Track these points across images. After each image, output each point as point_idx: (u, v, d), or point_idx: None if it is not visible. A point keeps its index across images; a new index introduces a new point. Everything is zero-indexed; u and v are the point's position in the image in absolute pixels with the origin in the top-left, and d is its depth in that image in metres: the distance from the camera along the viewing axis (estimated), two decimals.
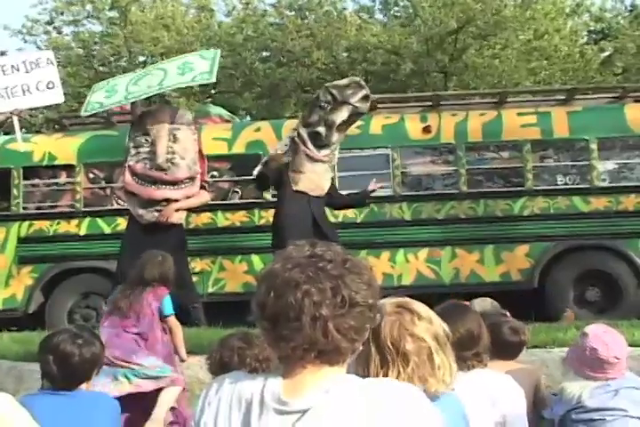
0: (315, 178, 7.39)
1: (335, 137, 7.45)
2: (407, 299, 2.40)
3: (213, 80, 7.72)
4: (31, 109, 13.80)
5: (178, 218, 7.66)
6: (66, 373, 3.38)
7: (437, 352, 2.29)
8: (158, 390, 5.31)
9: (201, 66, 7.68)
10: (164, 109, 8.09)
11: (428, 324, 2.32)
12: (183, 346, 5.72)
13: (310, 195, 7.34)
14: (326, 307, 1.64)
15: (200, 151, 7.89)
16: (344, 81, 7.58)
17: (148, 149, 7.54)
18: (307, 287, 1.64)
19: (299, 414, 1.62)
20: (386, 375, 2.20)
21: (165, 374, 5.37)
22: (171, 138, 7.59)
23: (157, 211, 7.54)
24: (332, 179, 7.81)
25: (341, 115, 7.36)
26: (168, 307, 5.68)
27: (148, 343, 5.55)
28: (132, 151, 7.66)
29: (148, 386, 5.32)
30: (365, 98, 7.44)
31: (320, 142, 7.40)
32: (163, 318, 5.64)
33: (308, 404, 1.62)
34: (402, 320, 2.30)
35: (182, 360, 5.74)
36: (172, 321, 5.70)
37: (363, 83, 7.52)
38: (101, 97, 7.84)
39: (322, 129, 7.36)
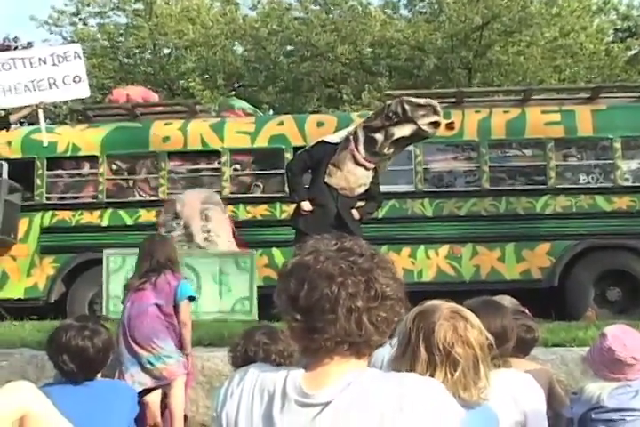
0: (350, 179, 7.32)
1: (389, 149, 7.36)
2: (460, 306, 2.46)
3: None
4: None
5: None
6: (84, 366, 3.40)
7: (482, 362, 2.34)
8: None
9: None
10: (193, 192, 8.26)
11: (479, 333, 2.37)
12: (190, 338, 5.58)
13: (338, 192, 7.35)
14: (361, 299, 1.65)
15: (232, 230, 8.01)
16: (421, 100, 7.37)
17: (180, 233, 7.59)
18: (342, 279, 1.65)
19: (321, 407, 1.62)
20: (432, 377, 2.21)
21: (171, 363, 5.43)
22: (203, 217, 7.71)
23: None
24: (376, 189, 7.66)
25: (403, 131, 7.26)
26: (186, 289, 5.58)
27: (167, 317, 5.52)
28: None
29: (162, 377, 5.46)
30: (435, 124, 7.32)
31: (372, 149, 7.31)
32: (177, 301, 5.51)
33: (330, 397, 1.63)
34: (456, 326, 2.35)
35: (186, 354, 5.57)
36: (186, 307, 5.54)
37: (439, 109, 7.31)
38: None
39: (379, 137, 7.27)
